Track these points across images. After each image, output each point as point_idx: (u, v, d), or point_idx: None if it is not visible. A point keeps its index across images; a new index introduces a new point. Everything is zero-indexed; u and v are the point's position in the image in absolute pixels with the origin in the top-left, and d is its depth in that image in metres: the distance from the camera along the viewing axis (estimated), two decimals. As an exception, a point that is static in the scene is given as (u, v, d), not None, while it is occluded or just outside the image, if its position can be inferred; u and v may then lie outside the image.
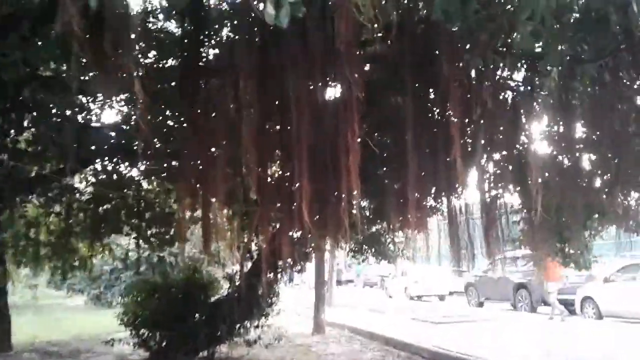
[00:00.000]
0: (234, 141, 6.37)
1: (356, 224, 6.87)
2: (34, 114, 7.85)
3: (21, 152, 8.41)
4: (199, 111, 6.64)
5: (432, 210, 9.11)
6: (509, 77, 7.17)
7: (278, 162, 7.47)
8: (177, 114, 7.87)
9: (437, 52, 6.40)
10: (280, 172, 7.40)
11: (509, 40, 5.63)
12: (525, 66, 6.73)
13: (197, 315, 9.31)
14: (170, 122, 8.27)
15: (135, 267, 15.87)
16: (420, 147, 6.95)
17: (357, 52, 6.25)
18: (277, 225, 7.60)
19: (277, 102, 6.63)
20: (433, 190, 8.51)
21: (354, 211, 6.37)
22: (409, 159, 6.65)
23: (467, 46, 5.95)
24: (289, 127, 6.26)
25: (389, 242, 14.62)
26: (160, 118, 8.15)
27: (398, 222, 8.56)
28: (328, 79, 6.62)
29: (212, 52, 7.31)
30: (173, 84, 7.30)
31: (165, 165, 8.72)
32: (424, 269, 24.80)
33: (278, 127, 6.92)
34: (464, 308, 20.82)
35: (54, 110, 7.91)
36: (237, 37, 6.66)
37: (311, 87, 6.32)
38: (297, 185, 6.06)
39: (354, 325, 14.52)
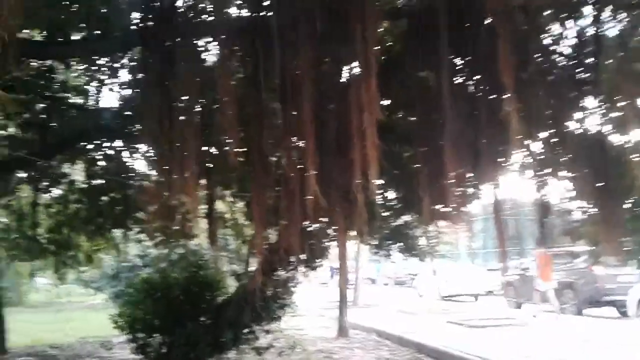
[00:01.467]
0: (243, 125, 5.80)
1: (376, 215, 5.84)
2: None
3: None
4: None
5: (470, 198, 7.85)
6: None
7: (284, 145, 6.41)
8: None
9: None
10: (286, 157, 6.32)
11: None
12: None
13: (200, 318, 8.25)
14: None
15: (154, 264, 15.12)
16: (455, 126, 5.85)
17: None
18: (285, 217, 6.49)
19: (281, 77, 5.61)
20: (470, 176, 7.31)
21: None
22: (443, 139, 5.73)
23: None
24: (293, 106, 5.48)
25: (417, 237, 13.33)
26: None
27: (429, 213, 7.41)
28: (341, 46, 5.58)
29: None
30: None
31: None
32: (457, 266, 23.40)
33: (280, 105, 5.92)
34: (501, 309, 19.33)
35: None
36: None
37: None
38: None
39: (381, 328, 13.30)
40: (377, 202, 7.46)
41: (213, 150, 8.10)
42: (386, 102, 6.83)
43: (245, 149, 6.07)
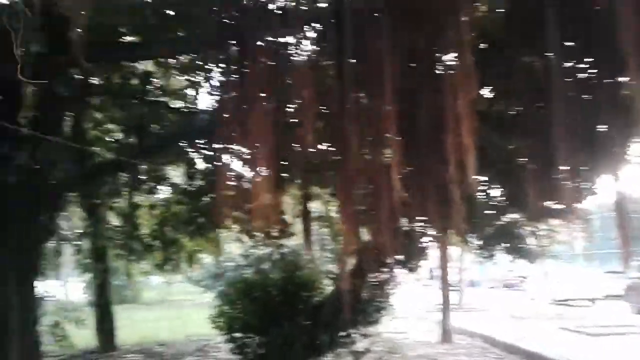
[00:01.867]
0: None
1: (478, 212, 5.39)
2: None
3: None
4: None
5: (585, 194, 7.07)
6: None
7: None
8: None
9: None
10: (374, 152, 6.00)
11: None
12: None
13: (296, 319, 8.12)
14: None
15: (256, 264, 15.39)
16: (566, 114, 5.26)
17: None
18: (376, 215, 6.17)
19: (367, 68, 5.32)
20: (585, 169, 6.58)
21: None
22: (552, 129, 5.16)
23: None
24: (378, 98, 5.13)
25: (526, 236, 12.37)
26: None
27: (538, 210, 6.78)
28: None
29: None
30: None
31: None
32: (572, 268, 21.72)
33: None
34: (623, 315, 17.61)
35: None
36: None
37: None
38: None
39: (488, 333, 12.53)
40: (478, 199, 6.92)
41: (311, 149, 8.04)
42: (486, 93, 6.35)
43: (332, 145, 5.83)
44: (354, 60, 5.27)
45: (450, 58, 5.15)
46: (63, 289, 18.67)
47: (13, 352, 5.85)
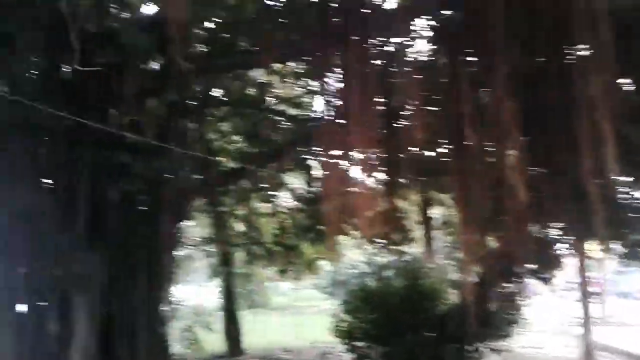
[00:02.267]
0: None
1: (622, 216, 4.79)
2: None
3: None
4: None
5: None
6: None
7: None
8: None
9: None
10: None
11: None
12: None
13: (420, 330, 7.78)
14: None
15: (379, 271, 15.19)
16: None
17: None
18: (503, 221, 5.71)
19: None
20: None
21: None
22: None
23: None
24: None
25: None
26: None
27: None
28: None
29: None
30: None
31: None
32: None
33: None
34: None
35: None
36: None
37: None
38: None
39: (636, 351, 11.17)
40: (621, 200, 6.18)
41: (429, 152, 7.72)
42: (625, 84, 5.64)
43: (451, 147, 5.48)
44: (470, 57, 4.94)
45: (577, 43, 4.60)
46: (197, 294, 19.75)
47: (142, 354, 6.15)
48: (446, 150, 6.76)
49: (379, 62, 5.63)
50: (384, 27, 5.58)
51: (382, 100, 5.79)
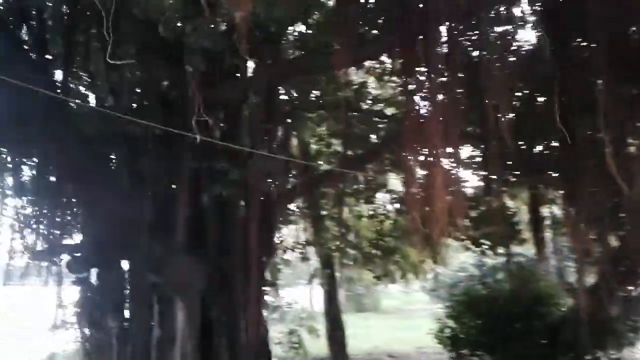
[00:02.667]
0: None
1: None
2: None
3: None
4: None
5: None
6: None
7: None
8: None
9: None
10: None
11: None
12: None
13: (531, 337, 7.19)
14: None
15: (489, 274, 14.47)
16: None
17: None
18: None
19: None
20: None
21: None
22: None
23: None
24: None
25: None
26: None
27: None
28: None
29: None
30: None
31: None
32: None
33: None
34: None
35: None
36: None
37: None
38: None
39: None
40: None
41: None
42: None
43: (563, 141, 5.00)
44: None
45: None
46: (302, 297, 19.93)
47: (242, 358, 6.20)
48: (553, 144, 6.24)
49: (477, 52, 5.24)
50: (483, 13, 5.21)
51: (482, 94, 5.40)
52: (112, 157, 6.52)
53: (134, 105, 6.37)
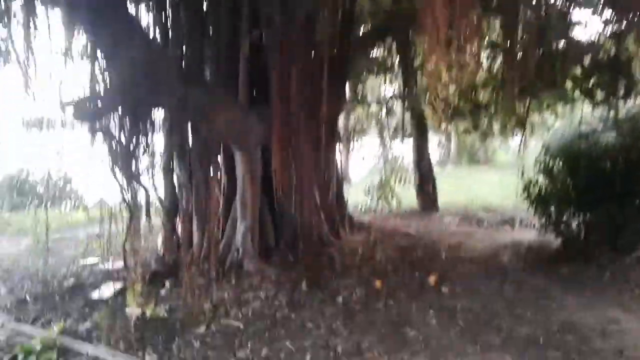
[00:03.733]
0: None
1: None
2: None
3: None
4: None
5: None
6: None
7: None
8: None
9: None
10: None
11: None
12: None
13: (631, 199, 6.37)
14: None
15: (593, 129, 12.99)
16: None
17: None
18: None
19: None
20: None
21: None
22: None
23: None
24: None
25: None
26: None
27: None
28: None
29: None
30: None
31: None
32: None
33: None
34: None
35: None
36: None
37: None
38: None
39: None
40: None
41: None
42: None
43: None
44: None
45: None
46: (399, 150, 19.58)
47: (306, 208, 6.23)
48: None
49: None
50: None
51: None
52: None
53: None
